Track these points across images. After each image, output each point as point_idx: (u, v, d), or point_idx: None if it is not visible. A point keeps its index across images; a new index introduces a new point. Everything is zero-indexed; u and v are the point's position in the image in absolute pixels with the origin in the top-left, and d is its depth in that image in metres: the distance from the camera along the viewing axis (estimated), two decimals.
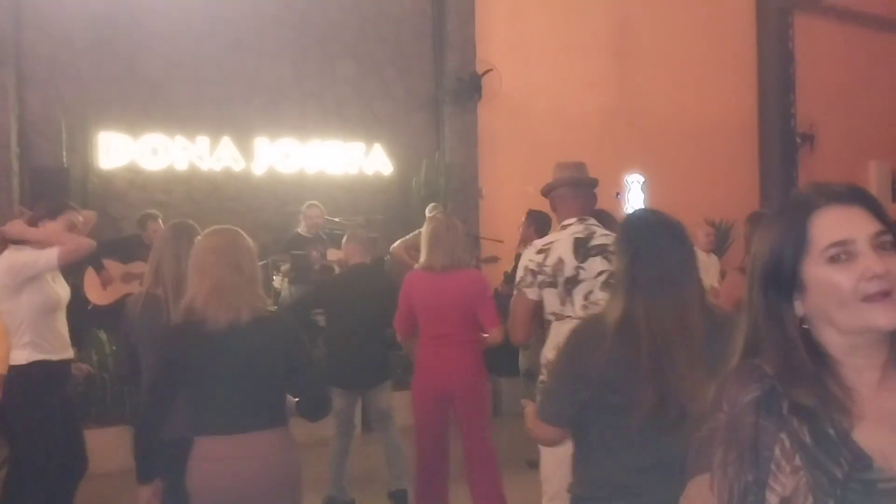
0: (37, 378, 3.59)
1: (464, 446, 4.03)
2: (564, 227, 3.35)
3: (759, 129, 11.13)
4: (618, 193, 10.14)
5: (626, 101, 10.18)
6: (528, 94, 9.53)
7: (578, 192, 3.41)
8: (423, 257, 4.06)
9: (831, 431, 1.12)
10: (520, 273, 3.35)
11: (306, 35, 8.58)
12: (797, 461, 1.11)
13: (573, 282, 3.20)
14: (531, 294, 3.30)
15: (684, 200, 10.43)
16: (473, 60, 9.09)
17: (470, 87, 8.90)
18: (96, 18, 7.69)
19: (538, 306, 3.29)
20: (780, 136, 10.95)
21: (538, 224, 5.75)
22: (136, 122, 7.81)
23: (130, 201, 7.77)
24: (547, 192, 3.54)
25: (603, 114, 10.02)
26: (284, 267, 7.22)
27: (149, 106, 7.91)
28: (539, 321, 3.45)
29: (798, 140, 11.04)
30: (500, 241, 8.03)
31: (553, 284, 3.22)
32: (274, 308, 2.67)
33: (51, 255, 3.59)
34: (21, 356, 3.60)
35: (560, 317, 3.21)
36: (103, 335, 5.91)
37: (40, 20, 7.51)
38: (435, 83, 9.18)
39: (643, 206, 2.89)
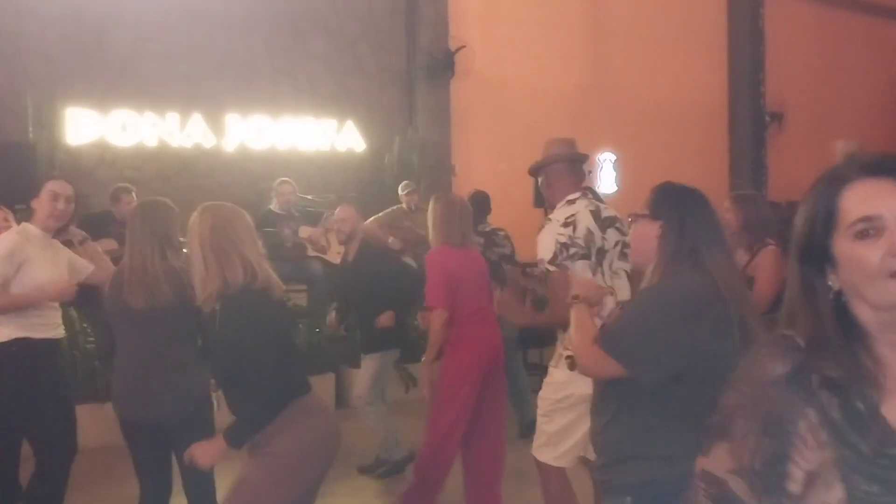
0: (18, 355, 3.56)
1: (484, 428, 4.04)
2: (571, 201, 3.34)
3: (729, 107, 11.24)
4: (589, 171, 10.18)
5: (599, 79, 10.22)
6: (501, 72, 9.53)
7: (574, 167, 3.46)
8: (440, 235, 4.08)
9: (860, 406, 1.10)
10: (552, 249, 3.26)
11: (278, 10, 8.49)
12: (824, 437, 1.10)
13: (602, 252, 3.25)
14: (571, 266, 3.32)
15: (655, 179, 10.39)
16: (447, 37, 9.07)
17: (443, 64, 8.88)
18: None
19: None
20: (750, 115, 11.07)
21: (476, 205, 5.74)
22: (104, 97, 7.70)
23: (99, 178, 7.67)
24: (539, 167, 3.54)
25: (576, 92, 10.05)
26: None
27: (118, 81, 7.80)
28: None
29: (767, 119, 11.17)
30: None
31: (587, 256, 3.22)
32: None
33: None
34: (2, 333, 3.58)
35: None
36: (73, 312, 5.87)
37: None
38: (408, 59, 9.14)
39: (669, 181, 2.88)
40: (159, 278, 3.08)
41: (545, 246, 3.27)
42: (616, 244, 3.27)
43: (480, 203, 5.76)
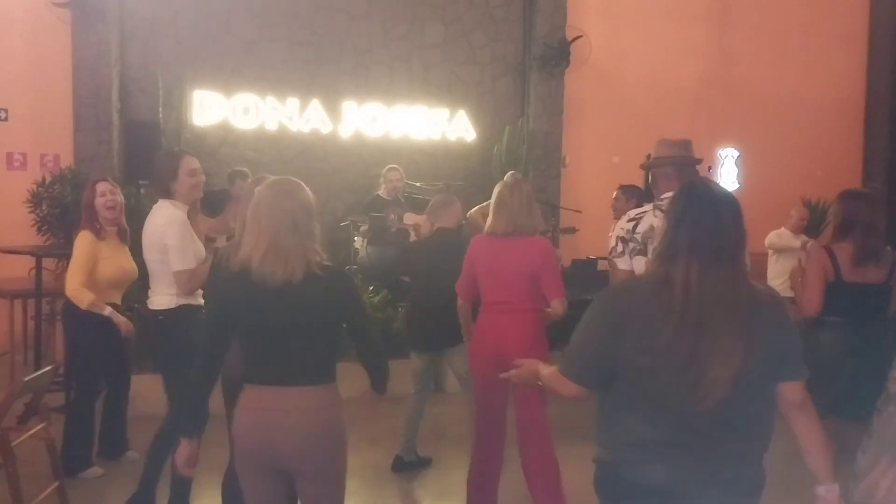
0: (182, 320, 3.75)
1: (517, 416, 3.93)
2: (661, 199, 3.35)
3: (865, 104, 10.51)
4: (710, 168, 9.82)
5: (723, 71, 9.79)
6: (618, 62, 9.30)
7: (683, 171, 3.40)
8: (488, 222, 4.00)
9: None
10: (611, 242, 3.37)
11: None
12: None
13: None
14: (622, 264, 3.33)
15: (780, 177, 10.02)
16: (563, 26, 8.92)
17: (558, 54, 8.75)
18: None
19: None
20: (889, 112, 10.30)
21: (637, 198, 5.74)
22: (229, 81, 8.06)
23: (222, 158, 8.04)
24: (648, 167, 3.55)
25: (698, 83, 9.68)
26: (363, 228, 7.35)
27: (242, 66, 8.14)
28: None
29: None
30: (579, 212, 7.92)
31: (643, 252, 3.22)
32: (329, 265, 2.58)
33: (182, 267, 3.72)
34: (168, 301, 3.78)
35: None
36: None
37: None
38: (523, 49, 9.06)
39: (704, 178, 2.86)
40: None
41: (613, 236, 3.38)
42: None
43: (641, 196, 5.76)
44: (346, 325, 2.62)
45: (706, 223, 2.00)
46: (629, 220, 3.36)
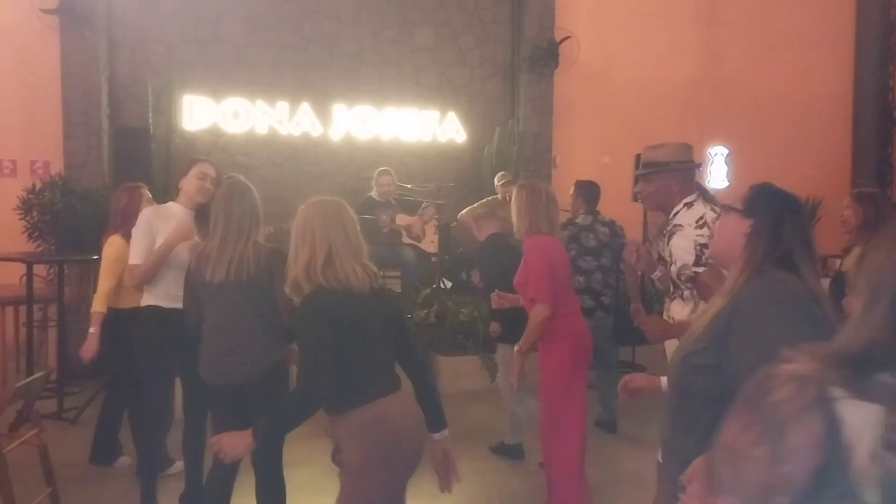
0: (151, 319, 3.83)
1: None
2: (689, 204, 3.28)
3: (853, 102, 10.58)
4: (699, 166, 9.86)
5: (711, 71, 9.85)
6: (607, 62, 9.34)
7: (689, 175, 3.41)
8: (528, 222, 3.93)
9: None
10: (694, 252, 3.20)
11: (386, 2, 8.64)
12: None
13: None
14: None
15: (770, 175, 9.87)
16: (552, 27, 8.96)
17: (547, 55, 8.78)
18: None
19: None
20: (877, 110, 10.38)
21: (584, 194, 5.71)
22: (218, 85, 8.06)
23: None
24: (657, 171, 3.45)
25: (687, 83, 9.73)
26: None
27: (231, 70, 8.15)
28: None
29: (895, 115, 10.44)
30: (566, 211, 7.93)
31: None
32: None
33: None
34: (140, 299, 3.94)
35: None
36: None
37: None
38: (512, 50, 9.09)
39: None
40: (246, 254, 3.21)
41: (685, 251, 3.19)
42: None
43: (593, 193, 5.72)
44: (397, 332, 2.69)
45: (799, 223, 2.13)
46: (698, 227, 3.23)
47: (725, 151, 10.03)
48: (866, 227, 4.12)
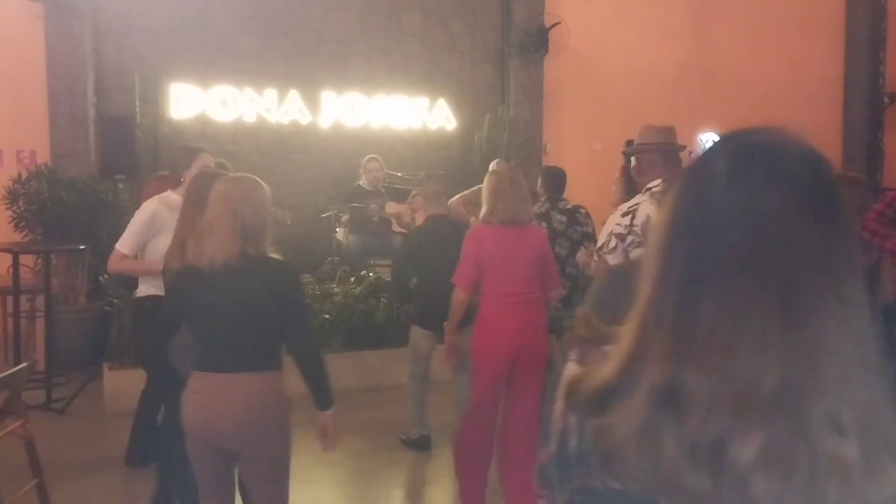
0: (150, 310, 3.81)
1: (510, 414, 3.89)
2: (649, 189, 3.34)
3: (843, 87, 10.57)
4: (690, 152, 9.84)
5: (702, 55, 9.81)
6: (597, 48, 9.30)
7: (668, 157, 3.43)
8: (484, 210, 3.91)
9: None
10: (603, 238, 3.31)
11: None
12: None
13: None
14: (612, 260, 3.30)
15: None
16: (542, 13, 8.90)
17: (537, 41, 8.72)
18: None
19: None
20: (867, 95, 10.36)
21: (547, 179, 5.60)
22: (206, 73, 7.99)
23: None
24: (632, 153, 3.53)
25: (677, 68, 9.70)
26: (344, 218, 7.33)
27: (218, 58, 8.07)
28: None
29: (886, 100, 10.43)
30: None
31: (644, 244, 3.18)
32: (278, 257, 2.74)
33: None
34: (141, 289, 4.00)
35: None
36: None
37: None
38: (501, 36, 9.04)
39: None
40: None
41: (603, 233, 3.31)
42: None
43: (555, 179, 5.61)
44: (282, 317, 2.67)
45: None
46: (624, 214, 3.30)
47: (717, 138, 10.01)
48: None
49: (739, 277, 0.80)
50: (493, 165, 7.43)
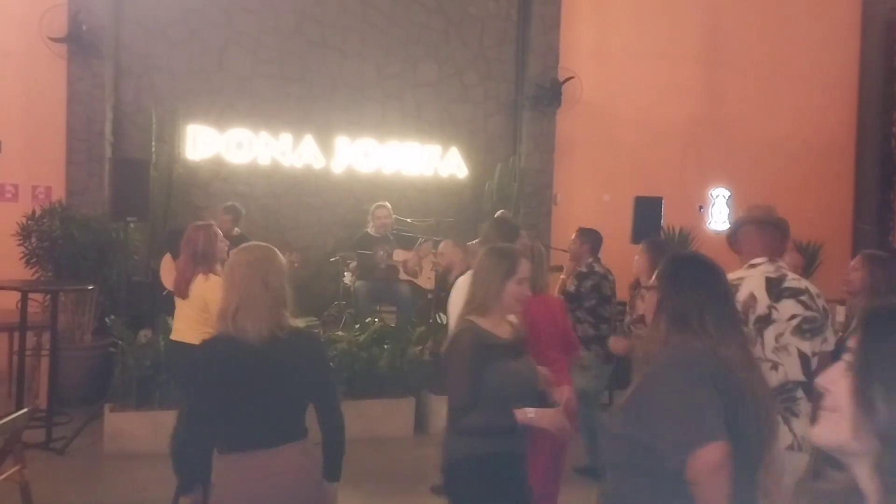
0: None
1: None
2: (753, 265, 3.27)
3: (856, 146, 10.59)
4: (701, 207, 9.88)
5: (713, 111, 9.88)
6: (609, 102, 9.38)
7: (765, 230, 3.36)
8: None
9: None
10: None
11: (390, 37, 8.70)
12: None
13: (765, 321, 3.12)
14: None
15: None
16: (556, 67, 9.01)
17: (550, 94, 8.81)
18: (190, 13, 8.04)
19: None
20: (879, 155, 10.39)
21: (591, 242, 5.65)
22: (222, 115, 8.11)
23: (213, 191, 8.08)
24: (733, 231, 3.48)
25: (688, 123, 9.76)
26: (352, 264, 7.36)
27: (235, 101, 8.20)
28: None
29: None
30: (565, 251, 7.94)
31: (744, 323, 3.06)
32: (302, 326, 2.73)
33: None
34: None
35: None
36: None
37: (138, 15, 7.89)
38: (515, 88, 9.14)
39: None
40: None
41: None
42: (792, 317, 3.12)
43: (598, 240, 5.72)
44: (312, 387, 2.67)
45: (706, 285, 2.17)
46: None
47: (727, 193, 10.04)
48: (873, 292, 3.79)
49: None
50: (497, 215, 7.50)
